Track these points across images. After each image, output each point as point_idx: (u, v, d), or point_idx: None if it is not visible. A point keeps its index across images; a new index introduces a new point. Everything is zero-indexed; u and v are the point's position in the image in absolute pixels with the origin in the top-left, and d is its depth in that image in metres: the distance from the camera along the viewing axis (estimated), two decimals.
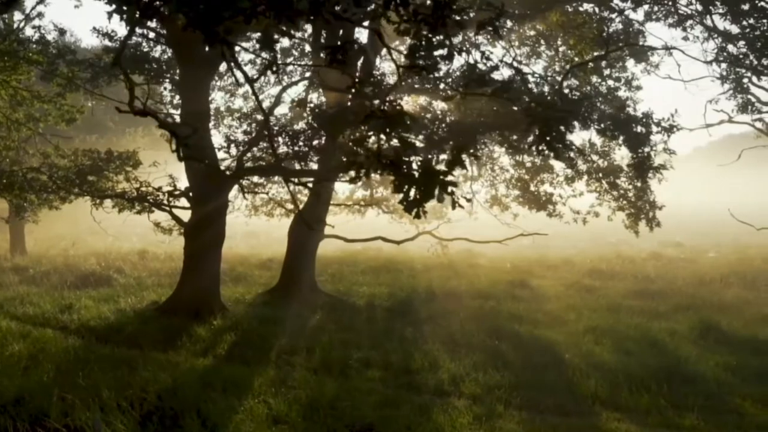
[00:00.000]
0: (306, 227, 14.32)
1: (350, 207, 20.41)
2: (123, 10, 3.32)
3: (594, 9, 14.41)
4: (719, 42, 11.53)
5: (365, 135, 3.70)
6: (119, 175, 13.57)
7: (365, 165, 3.13)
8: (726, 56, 11.44)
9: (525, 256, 21.86)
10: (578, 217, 16.00)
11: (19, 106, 14.27)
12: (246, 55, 19.03)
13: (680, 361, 8.96)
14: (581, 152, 11.95)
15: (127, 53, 13.45)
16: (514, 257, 21.47)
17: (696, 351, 9.65)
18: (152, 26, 11.20)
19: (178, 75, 11.86)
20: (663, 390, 7.57)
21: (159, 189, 12.33)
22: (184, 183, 12.81)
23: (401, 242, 16.41)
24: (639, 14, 42.72)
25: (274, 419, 6.47)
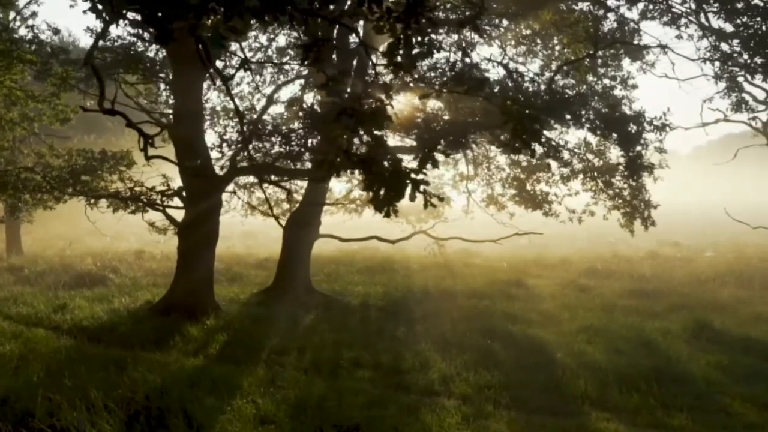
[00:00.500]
0: (299, 227, 14.40)
1: (346, 206, 20.42)
2: (98, 10, 3.31)
3: (589, 8, 14.40)
4: (713, 40, 11.50)
5: (337, 133, 3.71)
6: (113, 175, 13.57)
7: (335, 163, 3.12)
8: (720, 55, 11.41)
9: (522, 256, 21.86)
10: (573, 216, 15.99)
11: (14, 106, 14.26)
12: (247, 54, 19.03)
13: (671, 361, 8.94)
14: (556, 150, 11.92)
15: (121, 53, 13.46)
16: (511, 256, 21.47)
17: (688, 350, 9.63)
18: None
19: (171, 74, 11.84)
20: (653, 389, 7.55)
21: (152, 189, 12.32)
22: (179, 182, 12.81)
23: (396, 241, 16.40)
24: (634, 13, 42.71)
25: (262, 419, 6.45)
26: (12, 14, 14.05)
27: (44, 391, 6.50)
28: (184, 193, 11.74)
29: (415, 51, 3.59)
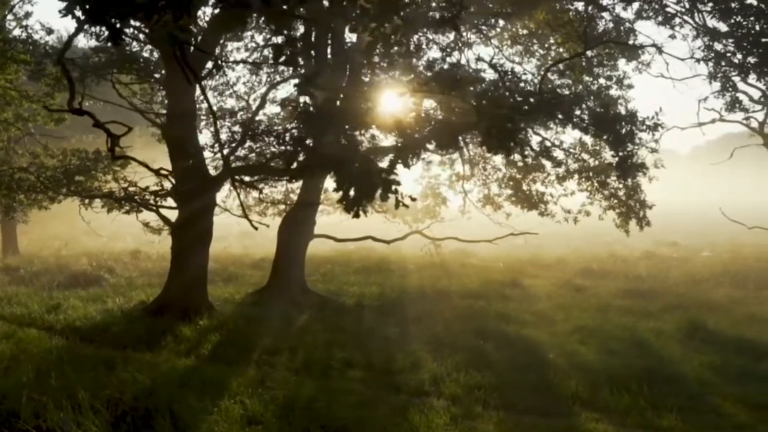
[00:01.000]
0: (294, 228, 14.37)
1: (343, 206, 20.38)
2: (74, 12, 3.29)
3: (584, 7, 14.38)
4: (706, 40, 11.47)
5: (306, 134, 3.68)
6: (107, 175, 13.56)
7: (305, 164, 3.09)
8: (713, 54, 11.38)
9: (518, 256, 21.83)
10: (569, 217, 15.98)
11: (8, 106, 14.24)
12: (243, 54, 18.97)
13: (664, 361, 8.92)
14: (549, 150, 11.89)
15: (116, 53, 13.43)
16: (508, 257, 21.43)
17: (681, 351, 9.61)
18: (137, 25, 11.15)
19: (164, 74, 11.82)
20: (644, 390, 7.51)
21: (146, 189, 12.30)
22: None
23: (391, 242, 16.38)
24: (629, 13, 42.63)
25: (249, 420, 6.43)
26: (6, 14, 14.02)
27: (32, 392, 6.48)
28: (177, 193, 11.71)
29: (394, 50, 3.57)
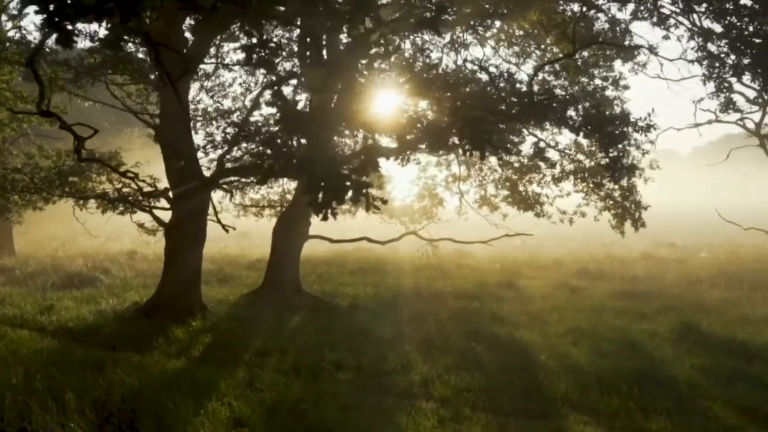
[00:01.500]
0: (288, 229, 14.35)
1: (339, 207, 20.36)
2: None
3: (580, 8, 14.36)
4: (700, 41, 11.43)
5: (275, 135, 3.66)
6: (101, 176, 13.55)
7: (275, 166, 3.08)
8: (707, 55, 11.34)
9: (515, 257, 21.81)
10: (565, 218, 15.96)
11: (2, 107, 14.23)
12: (240, 55, 19.01)
13: (655, 363, 8.89)
14: (543, 151, 11.86)
15: (110, 54, 13.42)
16: (505, 257, 21.42)
17: (673, 352, 9.58)
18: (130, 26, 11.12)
19: (157, 75, 11.82)
20: (634, 392, 7.50)
21: (139, 189, 12.28)
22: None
23: (386, 243, 16.35)
24: (625, 14, 42.51)
25: (236, 422, 6.42)
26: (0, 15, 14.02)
27: (18, 394, 6.48)
28: (171, 194, 11.69)
29: (373, 51, 3.55)
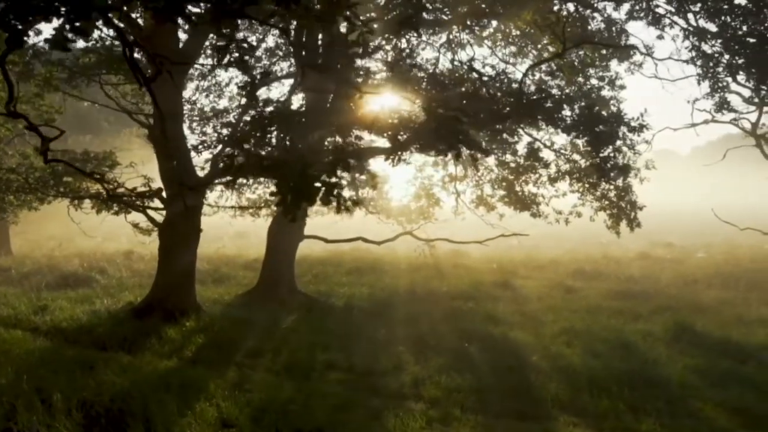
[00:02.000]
0: (284, 228, 14.31)
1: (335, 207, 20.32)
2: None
3: (575, 7, 14.34)
4: (694, 41, 11.40)
5: (245, 135, 3.64)
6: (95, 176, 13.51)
7: (244, 167, 3.07)
8: (700, 55, 11.31)
9: (512, 257, 21.78)
10: (560, 218, 15.93)
11: None
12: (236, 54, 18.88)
13: (647, 364, 8.87)
14: (536, 151, 11.83)
15: (104, 53, 13.40)
16: (502, 257, 21.39)
17: (667, 353, 9.56)
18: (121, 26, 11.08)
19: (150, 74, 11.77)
20: (624, 393, 7.49)
21: (133, 190, 12.24)
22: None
23: (381, 243, 16.34)
24: (621, 13, 42.42)
25: (223, 422, 6.40)
26: None
27: (5, 395, 6.47)
28: (164, 194, 11.65)
29: (352, 50, 3.53)
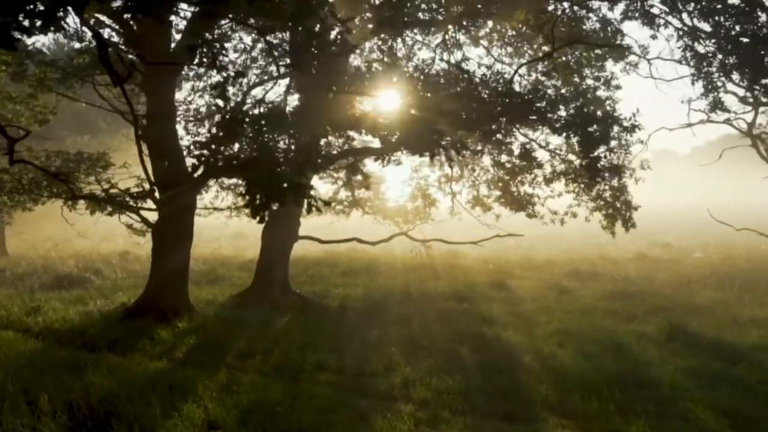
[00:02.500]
0: (278, 229, 14.30)
1: (333, 208, 20.31)
2: None
3: (570, 7, 14.32)
4: (687, 40, 11.37)
5: (215, 137, 3.63)
6: (89, 177, 13.52)
7: (214, 168, 3.04)
8: (693, 54, 11.28)
9: (508, 257, 21.76)
10: (556, 218, 15.91)
11: None
12: (233, 55, 18.99)
13: (639, 365, 8.82)
14: (529, 151, 11.82)
15: (97, 54, 13.39)
16: (498, 258, 21.37)
17: (659, 354, 9.52)
18: (114, 26, 11.12)
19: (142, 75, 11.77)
20: (614, 395, 7.45)
21: (126, 190, 12.24)
22: None
23: (376, 243, 16.31)
24: (615, 13, 42.42)
25: (210, 424, 6.38)
26: None
27: None
28: (157, 195, 11.65)
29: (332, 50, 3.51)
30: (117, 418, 6.28)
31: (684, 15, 12.64)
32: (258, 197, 3.09)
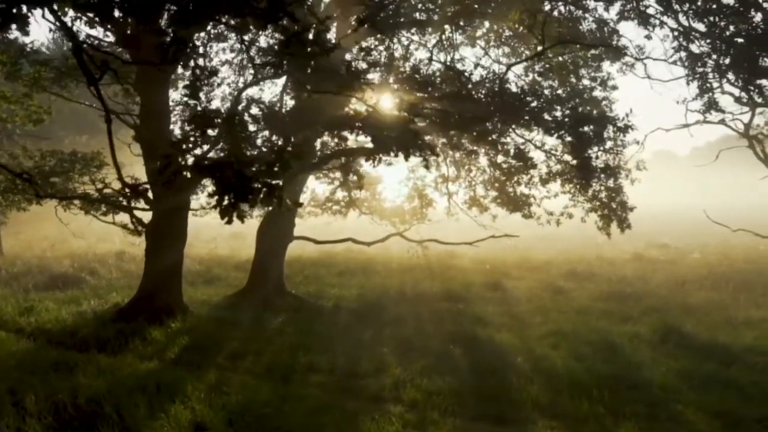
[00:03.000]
0: (273, 229, 14.27)
1: (329, 208, 20.27)
2: None
3: (566, 7, 14.29)
4: (681, 41, 11.34)
5: (186, 137, 3.61)
6: (84, 177, 13.49)
7: (182, 169, 3.02)
8: (687, 55, 11.25)
9: (505, 258, 21.70)
10: (552, 219, 15.86)
11: None
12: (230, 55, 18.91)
13: (632, 367, 8.78)
14: (522, 152, 11.76)
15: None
16: (495, 258, 21.30)
17: (652, 355, 9.48)
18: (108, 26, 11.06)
19: (135, 75, 11.76)
20: (605, 397, 7.41)
21: (120, 190, 12.18)
22: None
23: (371, 244, 16.28)
24: (611, 14, 42.31)
25: (197, 425, 6.35)
26: None
27: None
28: (150, 194, 11.60)
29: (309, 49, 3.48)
30: (103, 419, 6.26)
31: (679, 15, 12.60)
32: (226, 198, 3.07)
